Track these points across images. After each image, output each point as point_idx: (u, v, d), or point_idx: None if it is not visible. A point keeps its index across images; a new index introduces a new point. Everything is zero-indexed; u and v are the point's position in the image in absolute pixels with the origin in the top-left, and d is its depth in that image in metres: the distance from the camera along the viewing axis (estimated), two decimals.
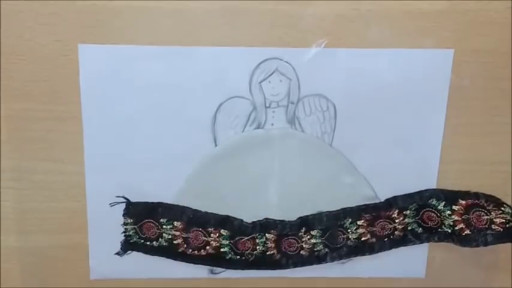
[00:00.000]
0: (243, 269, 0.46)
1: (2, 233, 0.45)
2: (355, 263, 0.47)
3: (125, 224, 0.45)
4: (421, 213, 0.45)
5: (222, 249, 0.46)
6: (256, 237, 0.45)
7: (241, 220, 0.45)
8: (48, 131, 0.43)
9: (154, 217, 0.45)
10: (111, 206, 0.44)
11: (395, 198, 0.45)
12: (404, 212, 0.45)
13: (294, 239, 0.45)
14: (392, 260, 0.46)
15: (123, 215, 0.45)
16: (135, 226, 0.45)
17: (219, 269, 0.47)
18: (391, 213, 0.45)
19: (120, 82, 0.42)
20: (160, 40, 0.41)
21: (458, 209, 0.44)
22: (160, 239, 0.45)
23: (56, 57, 0.41)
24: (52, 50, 0.41)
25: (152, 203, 0.44)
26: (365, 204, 0.45)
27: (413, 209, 0.45)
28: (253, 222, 0.45)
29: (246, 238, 0.45)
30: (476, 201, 0.44)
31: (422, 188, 0.45)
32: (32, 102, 0.42)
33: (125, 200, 0.44)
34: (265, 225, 0.45)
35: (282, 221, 0.45)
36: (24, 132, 0.43)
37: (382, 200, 0.45)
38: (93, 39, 0.41)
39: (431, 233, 0.45)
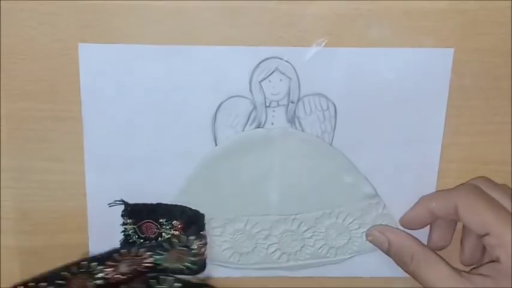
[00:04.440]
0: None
1: (1, 232, 0.45)
2: (355, 262, 0.47)
3: (124, 223, 0.45)
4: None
5: None
6: None
7: None
8: (48, 130, 0.43)
9: (154, 217, 0.45)
10: (110, 206, 0.44)
11: None
12: None
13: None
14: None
15: (122, 216, 0.45)
16: (135, 226, 0.45)
17: None
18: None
19: (121, 81, 0.42)
20: (160, 39, 0.41)
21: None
22: (159, 239, 0.45)
23: (56, 57, 0.41)
24: (52, 49, 0.41)
25: (151, 204, 0.44)
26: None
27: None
28: None
29: None
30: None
31: (423, 187, 0.45)
32: (32, 101, 0.42)
33: (123, 203, 0.44)
34: None
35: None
36: (24, 132, 0.43)
37: (383, 198, 0.45)
38: (94, 39, 0.41)
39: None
